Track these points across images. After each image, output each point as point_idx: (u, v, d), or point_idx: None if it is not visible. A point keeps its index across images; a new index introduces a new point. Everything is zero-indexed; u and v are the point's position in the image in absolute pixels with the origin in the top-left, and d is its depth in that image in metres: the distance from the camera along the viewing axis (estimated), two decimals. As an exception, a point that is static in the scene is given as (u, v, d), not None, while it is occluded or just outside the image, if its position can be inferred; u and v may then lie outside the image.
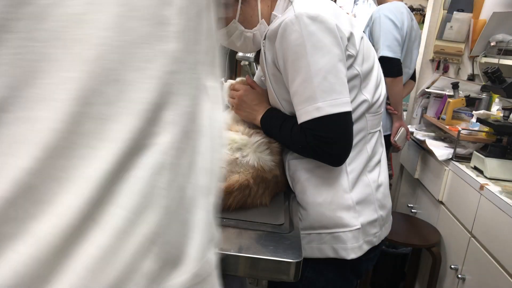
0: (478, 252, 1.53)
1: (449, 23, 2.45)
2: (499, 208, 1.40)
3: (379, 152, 1.04)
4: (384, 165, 1.07)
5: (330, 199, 0.96)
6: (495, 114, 1.86)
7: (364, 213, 0.97)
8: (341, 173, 0.96)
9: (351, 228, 0.95)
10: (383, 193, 1.03)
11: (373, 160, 1.01)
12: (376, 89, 0.99)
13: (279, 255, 0.77)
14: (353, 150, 0.95)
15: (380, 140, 1.05)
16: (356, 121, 0.96)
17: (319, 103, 0.85)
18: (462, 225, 1.69)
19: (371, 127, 1.00)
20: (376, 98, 0.99)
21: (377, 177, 1.01)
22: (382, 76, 1.06)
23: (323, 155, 0.91)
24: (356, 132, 0.95)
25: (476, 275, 1.53)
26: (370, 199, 0.98)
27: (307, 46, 0.84)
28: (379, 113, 1.04)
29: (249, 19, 0.99)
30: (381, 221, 1.01)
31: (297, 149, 0.97)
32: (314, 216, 0.97)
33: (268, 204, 0.99)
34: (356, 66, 0.92)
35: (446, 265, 1.80)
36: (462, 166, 1.77)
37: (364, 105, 0.96)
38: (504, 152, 1.64)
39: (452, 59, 2.54)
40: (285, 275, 0.76)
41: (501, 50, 2.21)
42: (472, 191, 1.60)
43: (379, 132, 1.05)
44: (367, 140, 0.99)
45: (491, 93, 2.19)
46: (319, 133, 0.87)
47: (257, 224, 0.89)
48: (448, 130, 2.01)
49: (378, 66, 1.03)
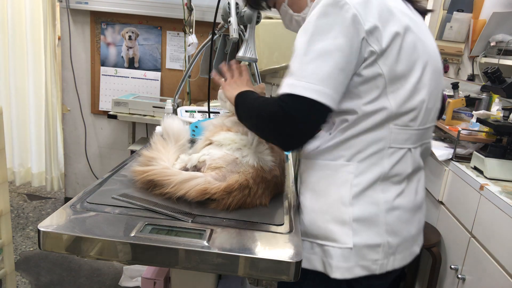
0: (478, 252, 1.53)
1: (449, 23, 2.45)
2: (499, 208, 1.40)
3: (406, 172, 0.91)
4: (412, 188, 0.94)
5: (326, 208, 0.89)
6: (495, 114, 1.86)
7: (363, 233, 0.87)
8: (345, 183, 0.88)
9: (340, 245, 0.87)
10: (399, 218, 0.90)
11: (392, 179, 0.89)
12: (410, 98, 0.87)
13: (279, 255, 0.77)
14: (364, 161, 0.87)
15: (411, 159, 0.91)
16: (373, 128, 0.87)
17: (296, 80, 0.81)
18: (462, 225, 1.69)
19: (396, 142, 0.88)
20: (408, 108, 0.87)
21: (392, 198, 0.89)
22: (431, 86, 0.90)
23: (274, 130, 0.84)
24: (369, 141, 0.87)
25: (476, 275, 1.53)
26: (374, 220, 0.87)
27: (314, 25, 0.81)
28: (412, 128, 0.89)
29: (297, 2, 0.96)
30: (387, 248, 0.89)
31: (256, 116, 0.89)
32: (308, 223, 0.92)
33: (267, 204, 0.99)
34: (381, 64, 0.83)
35: (446, 265, 1.80)
36: (462, 166, 1.76)
37: (383, 113, 0.85)
38: (504, 152, 1.64)
39: (452, 59, 2.54)
40: (285, 275, 0.76)
41: (501, 50, 2.21)
42: (472, 191, 1.60)
43: (412, 150, 0.91)
44: (385, 154, 0.88)
45: (491, 93, 2.19)
46: (285, 107, 0.81)
47: (257, 224, 0.89)
48: (448, 130, 2.01)
49: (424, 74, 0.88)
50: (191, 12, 2.42)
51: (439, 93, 0.95)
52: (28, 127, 3.06)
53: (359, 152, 0.88)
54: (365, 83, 0.85)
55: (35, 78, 2.97)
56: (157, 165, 1.00)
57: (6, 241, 1.72)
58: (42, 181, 3.12)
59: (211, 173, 0.97)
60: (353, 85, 0.85)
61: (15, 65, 2.92)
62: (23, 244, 2.56)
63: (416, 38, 0.86)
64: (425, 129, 0.93)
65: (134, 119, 2.50)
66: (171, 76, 2.82)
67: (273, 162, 1.01)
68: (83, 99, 2.92)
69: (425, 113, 0.90)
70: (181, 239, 0.79)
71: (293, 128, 0.82)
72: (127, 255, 0.77)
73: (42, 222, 0.79)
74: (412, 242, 0.96)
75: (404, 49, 0.84)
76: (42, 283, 2.21)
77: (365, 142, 0.87)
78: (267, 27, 2.24)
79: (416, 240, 0.98)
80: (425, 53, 0.88)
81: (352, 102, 0.86)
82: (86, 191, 0.97)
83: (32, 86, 2.97)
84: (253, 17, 1.35)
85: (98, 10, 2.70)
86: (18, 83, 2.96)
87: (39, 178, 3.11)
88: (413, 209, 0.94)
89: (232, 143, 1.03)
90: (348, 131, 0.88)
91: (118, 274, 2.33)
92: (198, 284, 0.99)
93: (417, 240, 0.99)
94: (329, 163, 0.91)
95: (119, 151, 3.00)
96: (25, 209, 3.06)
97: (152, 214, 0.89)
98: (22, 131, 3.07)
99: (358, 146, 0.88)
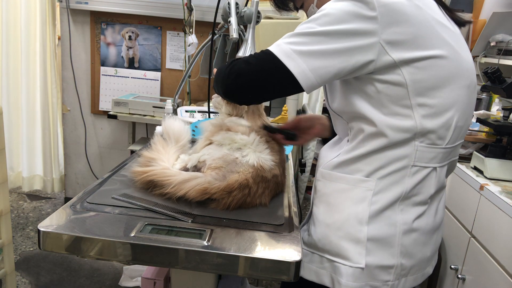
0: (478, 252, 1.53)
1: (449, 23, 2.44)
2: (499, 208, 1.40)
3: (428, 193, 0.86)
4: (433, 209, 0.89)
5: (340, 224, 0.85)
6: (495, 114, 1.86)
7: (376, 254, 0.83)
8: (363, 200, 0.84)
9: (352, 264, 0.84)
10: (416, 240, 0.86)
11: (413, 199, 0.84)
12: (439, 114, 0.80)
13: (279, 255, 0.77)
14: (385, 179, 0.83)
15: (436, 179, 0.86)
16: (396, 145, 0.81)
17: (284, 43, 0.79)
18: (462, 225, 1.69)
19: (420, 160, 0.83)
20: (436, 125, 0.81)
21: (412, 220, 0.85)
22: (463, 103, 0.84)
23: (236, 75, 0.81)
24: (391, 158, 0.82)
25: (476, 275, 1.53)
26: (390, 241, 0.84)
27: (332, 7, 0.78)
28: (440, 147, 0.83)
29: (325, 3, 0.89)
30: (399, 270, 0.85)
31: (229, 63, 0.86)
32: (319, 236, 0.89)
33: (267, 204, 0.99)
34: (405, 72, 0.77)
35: (446, 265, 1.80)
36: (462, 166, 1.76)
37: (407, 127, 0.80)
38: (504, 152, 1.64)
39: (452, 59, 2.54)
40: (285, 275, 0.76)
41: (501, 50, 2.21)
42: (472, 191, 1.60)
43: (437, 169, 0.85)
44: (408, 173, 0.83)
45: (491, 93, 2.19)
46: (259, 58, 0.80)
47: (257, 224, 0.89)
48: (448, 130, 2.01)
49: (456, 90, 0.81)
50: (191, 12, 2.42)
51: (472, 110, 0.90)
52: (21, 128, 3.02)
53: (379, 168, 0.83)
54: (386, 90, 0.79)
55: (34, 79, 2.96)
56: (157, 165, 1.00)
57: (6, 241, 1.72)
58: (38, 184, 3.10)
59: (211, 173, 0.97)
60: (373, 91, 0.80)
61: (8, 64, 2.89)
62: (23, 244, 2.56)
63: (452, 59, 0.80)
64: (454, 147, 0.88)
65: (134, 119, 2.50)
66: (171, 76, 2.82)
67: (273, 161, 1.01)
68: (83, 99, 2.92)
69: (454, 131, 0.84)
70: (181, 239, 0.79)
71: (253, 81, 0.80)
72: (127, 255, 0.77)
73: (42, 222, 0.79)
74: (426, 263, 0.92)
75: (433, 69, 0.78)
76: (42, 283, 2.21)
77: (387, 158, 0.82)
78: (267, 27, 2.24)
79: (430, 261, 0.95)
80: (460, 69, 0.82)
81: (373, 108, 0.81)
82: (86, 191, 0.97)
83: (32, 87, 2.97)
84: (253, 17, 1.35)
85: (98, 10, 2.70)
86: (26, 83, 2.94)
87: (33, 182, 3.09)
88: (431, 231, 0.90)
89: (232, 142, 1.03)
90: (368, 144, 0.83)
91: (118, 274, 2.33)
92: (198, 284, 0.99)
93: (431, 261, 0.96)
94: (346, 176, 0.87)
95: (119, 151, 3.00)
96: (25, 209, 3.05)
97: (152, 214, 0.89)
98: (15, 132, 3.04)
99: (379, 162, 0.83)
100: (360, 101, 0.82)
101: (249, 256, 0.76)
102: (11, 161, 3.03)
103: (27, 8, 2.79)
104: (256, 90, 0.83)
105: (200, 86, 2.79)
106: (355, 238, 0.84)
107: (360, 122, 0.85)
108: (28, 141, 3.00)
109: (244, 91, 0.84)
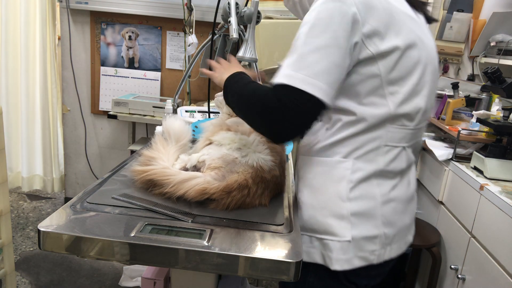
0: (478, 252, 1.53)
1: (449, 23, 2.45)
2: (499, 208, 1.40)
3: (400, 168, 0.93)
4: (405, 181, 0.97)
5: (324, 204, 0.92)
6: (495, 114, 1.86)
7: (360, 226, 0.90)
8: (342, 179, 0.90)
9: (339, 239, 0.90)
10: (394, 209, 0.93)
11: (387, 174, 0.92)
12: (409, 100, 0.88)
13: (279, 255, 0.77)
14: (361, 158, 0.90)
15: (406, 157, 0.94)
16: (371, 129, 0.88)
17: (292, 71, 0.81)
18: (462, 225, 1.69)
19: (391, 140, 0.90)
20: (407, 110, 0.89)
21: (388, 191, 0.92)
22: (430, 87, 0.92)
23: (266, 120, 0.83)
24: (366, 140, 0.89)
25: (476, 275, 1.53)
26: (372, 213, 0.90)
27: (315, 17, 0.81)
28: (408, 128, 0.91)
29: None
30: (383, 239, 0.92)
31: (247, 103, 0.88)
32: (307, 218, 0.94)
33: (267, 205, 0.99)
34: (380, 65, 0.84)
35: (446, 265, 1.80)
36: (462, 166, 1.76)
37: (382, 114, 0.87)
38: (504, 152, 1.64)
39: (452, 59, 2.54)
40: (285, 275, 0.76)
41: (501, 50, 2.21)
42: (472, 191, 1.60)
43: (406, 148, 0.94)
44: (381, 152, 0.90)
45: (491, 93, 2.19)
46: (280, 97, 0.80)
47: (257, 224, 0.89)
48: (448, 130, 2.01)
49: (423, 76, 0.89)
50: (191, 12, 2.42)
51: (435, 92, 0.98)
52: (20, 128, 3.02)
53: (356, 149, 0.90)
54: (363, 82, 0.85)
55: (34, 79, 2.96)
56: (157, 164, 1.00)
57: (6, 241, 1.72)
58: (37, 184, 3.10)
59: (210, 173, 0.97)
60: (352, 83, 0.86)
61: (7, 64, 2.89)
62: (23, 244, 2.56)
63: (419, 48, 0.87)
64: (420, 128, 0.96)
65: (134, 119, 2.50)
66: (171, 76, 2.82)
67: (273, 162, 1.01)
68: (83, 99, 2.92)
69: (422, 114, 0.92)
70: (181, 239, 0.79)
71: (285, 120, 0.81)
72: (127, 255, 0.77)
73: (42, 222, 0.79)
74: (407, 231, 1.00)
75: (403, 60, 0.85)
76: (42, 283, 2.21)
77: (363, 140, 0.89)
78: (267, 27, 2.24)
79: (410, 230, 1.03)
80: (425, 57, 0.89)
81: (351, 101, 0.87)
82: (86, 191, 0.97)
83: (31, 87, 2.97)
84: (253, 17, 1.35)
85: (98, 10, 2.70)
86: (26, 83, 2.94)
87: (32, 182, 3.09)
88: (407, 200, 0.98)
89: (232, 143, 1.03)
90: (346, 130, 0.89)
91: (118, 274, 2.33)
92: (198, 284, 0.99)
93: (411, 229, 1.03)
94: (326, 159, 0.93)
95: (119, 151, 3.00)
96: (25, 209, 3.06)
97: (152, 214, 0.89)
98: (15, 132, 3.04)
99: (355, 144, 0.90)
100: (340, 95, 0.87)
101: (249, 256, 0.76)
102: (10, 161, 3.03)
103: (27, 8, 2.79)
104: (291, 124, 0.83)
105: (200, 86, 2.79)
106: (339, 215, 0.90)
107: (339, 114, 0.90)
108: (28, 141, 3.00)
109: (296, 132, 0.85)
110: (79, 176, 3.08)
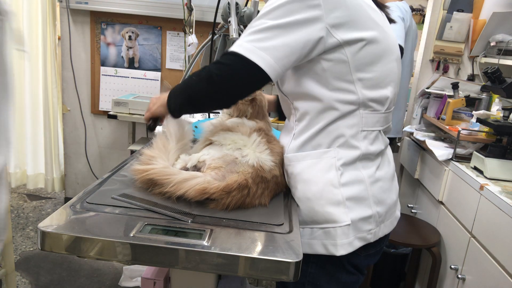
0: (478, 252, 1.53)
1: (449, 23, 2.45)
2: (499, 208, 1.40)
3: (379, 149, 1.01)
4: (385, 160, 1.05)
5: (320, 194, 0.96)
6: (495, 114, 1.86)
7: (356, 209, 0.95)
8: (331, 168, 0.95)
9: (340, 224, 0.95)
10: (382, 188, 1.00)
11: (369, 157, 0.99)
12: (377, 86, 0.95)
13: (279, 255, 0.77)
14: (343, 145, 0.96)
15: (381, 138, 1.02)
16: (344, 116, 0.95)
17: (244, 42, 0.87)
18: (462, 225, 1.69)
19: (367, 125, 0.97)
20: (376, 96, 0.96)
21: (373, 172, 0.99)
22: (396, 74, 1.01)
23: (209, 83, 0.88)
24: (343, 127, 0.95)
25: (476, 275, 1.53)
26: (363, 195, 0.96)
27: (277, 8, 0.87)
28: (380, 112, 0.99)
29: None
30: (377, 218, 0.99)
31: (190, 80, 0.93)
32: (306, 211, 0.98)
33: (267, 205, 0.99)
34: (347, 52, 0.90)
35: (446, 265, 1.80)
36: (462, 166, 1.76)
37: (352, 100, 0.93)
38: (504, 152, 1.64)
39: (452, 59, 2.54)
40: (284, 275, 0.76)
41: (501, 50, 2.21)
42: (472, 191, 1.60)
43: (381, 131, 1.02)
44: (360, 137, 0.97)
45: (491, 93, 2.19)
46: (225, 62, 0.87)
47: (256, 224, 0.89)
48: (448, 130, 2.01)
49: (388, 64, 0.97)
50: (191, 12, 2.42)
51: (400, 79, 1.06)
52: (25, 127, 3.04)
53: (336, 138, 0.96)
54: (332, 68, 0.91)
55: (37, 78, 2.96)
56: (157, 164, 1.00)
57: (6, 241, 1.72)
58: (41, 182, 3.11)
59: (210, 173, 0.97)
60: (321, 69, 0.92)
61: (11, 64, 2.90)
62: (23, 244, 2.56)
63: (383, 38, 0.94)
64: (389, 112, 1.04)
65: (134, 119, 2.50)
66: (171, 76, 2.82)
67: (273, 162, 1.01)
68: (83, 99, 2.92)
69: (390, 98, 1.00)
70: (181, 239, 0.79)
71: (228, 84, 0.88)
72: (126, 255, 0.77)
73: (42, 222, 0.79)
74: (394, 207, 1.08)
75: (369, 48, 0.92)
76: (42, 283, 2.21)
77: (340, 128, 0.95)
78: (267, 27, 2.23)
79: (397, 205, 1.10)
80: (389, 46, 0.97)
81: (320, 86, 0.93)
82: (86, 191, 0.97)
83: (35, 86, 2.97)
84: (253, 17, 1.35)
85: (98, 10, 2.70)
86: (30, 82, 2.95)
87: (37, 180, 3.10)
88: (391, 177, 1.06)
89: (232, 143, 1.03)
90: (321, 119, 0.95)
91: (118, 274, 2.33)
92: (198, 284, 0.99)
93: (397, 205, 1.11)
94: (310, 152, 0.98)
95: (119, 151, 3.00)
96: (25, 209, 3.06)
97: (152, 214, 0.89)
98: (20, 131, 3.06)
99: (334, 133, 0.96)
100: (308, 80, 0.94)
101: (249, 256, 0.76)
102: (18, 159, 3.07)
103: (29, 8, 2.79)
104: (234, 90, 0.91)
105: (200, 86, 2.78)
106: (336, 201, 0.95)
107: (305, 101, 0.96)
108: (32, 140, 3.02)
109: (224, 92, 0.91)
110: (79, 176, 3.08)
